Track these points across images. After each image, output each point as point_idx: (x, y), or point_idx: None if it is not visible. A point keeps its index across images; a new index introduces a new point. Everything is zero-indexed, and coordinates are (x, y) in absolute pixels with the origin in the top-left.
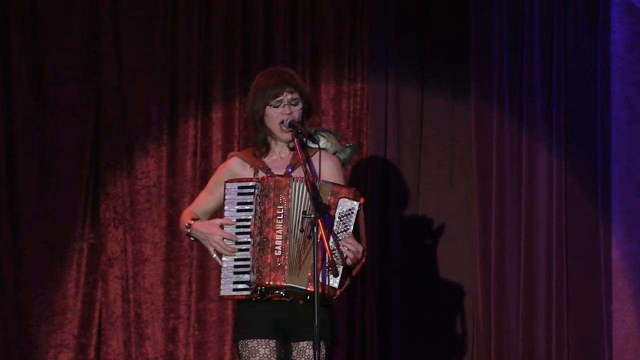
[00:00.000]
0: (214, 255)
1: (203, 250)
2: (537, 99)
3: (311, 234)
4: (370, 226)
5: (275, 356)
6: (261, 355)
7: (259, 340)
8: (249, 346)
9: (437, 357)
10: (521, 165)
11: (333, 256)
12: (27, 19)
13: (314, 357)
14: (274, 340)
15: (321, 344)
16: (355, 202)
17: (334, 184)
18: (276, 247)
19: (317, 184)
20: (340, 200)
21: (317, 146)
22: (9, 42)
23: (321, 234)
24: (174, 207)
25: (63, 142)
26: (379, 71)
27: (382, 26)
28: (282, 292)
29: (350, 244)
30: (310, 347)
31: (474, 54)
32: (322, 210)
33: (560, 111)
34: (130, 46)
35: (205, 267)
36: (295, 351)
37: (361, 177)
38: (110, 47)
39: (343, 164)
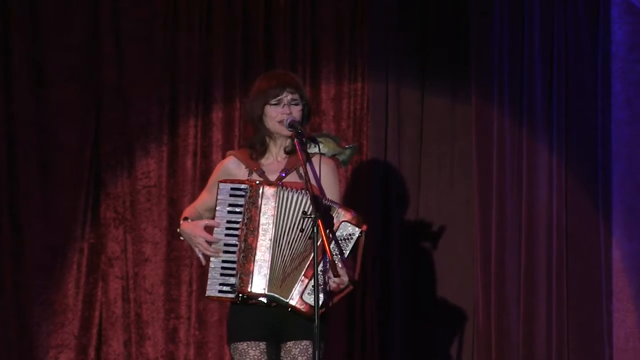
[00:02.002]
0: (199, 255)
1: None
2: (537, 99)
3: (312, 235)
4: (371, 227)
5: (265, 358)
6: (251, 357)
7: (248, 342)
8: (239, 349)
9: (437, 357)
10: (521, 165)
11: (333, 255)
12: (27, 19)
13: (313, 356)
14: (264, 342)
15: (308, 344)
16: (357, 229)
17: (340, 205)
18: (259, 256)
19: (327, 203)
20: (342, 223)
21: (316, 150)
22: (9, 42)
23: (321, 234)
24: (175, 207)
25: (63, 142)
26: (379, 71)
27: (382, 26)
28: (263, 300)
29: (337, 276)
30: (296, 346)
31: (474, 53)
32: (323, 211)
33: (561, 111)
34: (131, 46)
35: (206, 267)
36: (283, 351)
37: (362, 177)
38: (110, 47)
39: (342, 164)
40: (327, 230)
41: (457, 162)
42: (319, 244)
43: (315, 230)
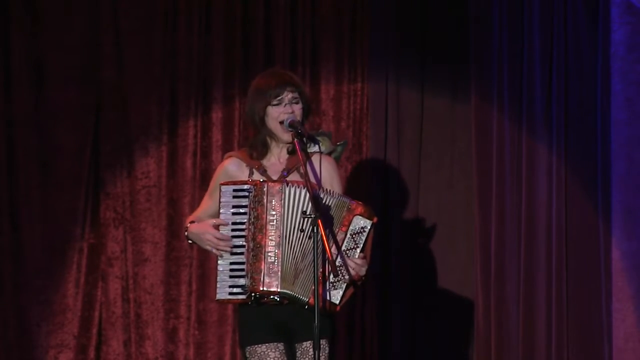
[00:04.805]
0: (214, 251)
1: (203, 250)
2: (537, 99)
3: (311, 234)
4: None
5: (285, 359)
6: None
7: (267, 344)
8: (258, 352)
9: (437, 357)
10: (521, 165)
11: (333, 257)
12: (27, 19)
13: (314, 356)
14: (282, 343)
15: (324, 343)
16: (368, 221)
17: (352, 199)
18: (269, 254)
19: (339, 198)
20: (355, 217)
21: (316, 149)
22: (9, 42)
23: (321, 234)
24: (174, 207)
25: (63, 142)
26: (379, 71)
27: (382, 26)
28: (276, 298)
29: (357, 263)
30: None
31: (474, 53)
32: (322, 210)
33: (561, 111)
34: (130, 46)
35: (205, 267)
36: (299, 352)
37: (361, 177)
38: (110, 47)
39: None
40: (338, 226)
41: (456, 162)
42: (319, 243)
43: (315, 231)
